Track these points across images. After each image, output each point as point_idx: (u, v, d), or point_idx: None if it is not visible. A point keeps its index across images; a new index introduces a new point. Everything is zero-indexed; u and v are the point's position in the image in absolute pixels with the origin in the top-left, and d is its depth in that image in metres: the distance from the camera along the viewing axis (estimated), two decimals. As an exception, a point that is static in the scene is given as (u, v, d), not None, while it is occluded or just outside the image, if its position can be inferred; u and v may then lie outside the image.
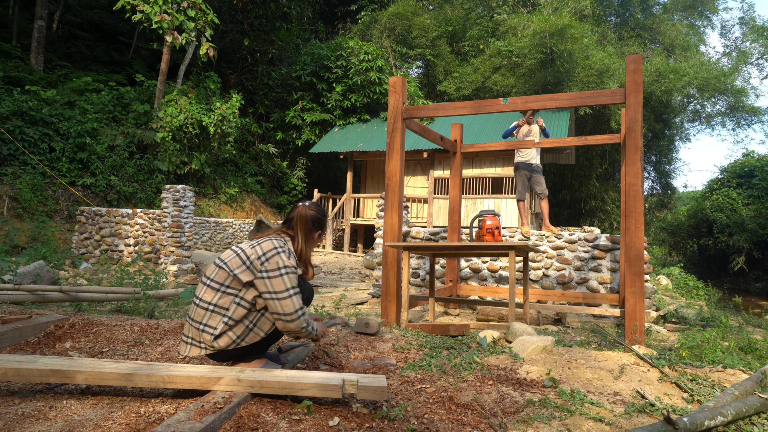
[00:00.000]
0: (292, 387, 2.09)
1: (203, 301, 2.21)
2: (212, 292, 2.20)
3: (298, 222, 2.35)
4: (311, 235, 2.41)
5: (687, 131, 21.72)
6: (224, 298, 2.19)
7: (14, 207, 10.86)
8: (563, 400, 2.31)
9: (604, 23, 20.17)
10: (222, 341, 2.18)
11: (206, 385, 2.11)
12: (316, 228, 2.41)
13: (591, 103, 4.42)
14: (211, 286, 2.21)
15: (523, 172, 7.03)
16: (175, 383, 2.12)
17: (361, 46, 17.44)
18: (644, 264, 4.39)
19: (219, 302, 2.19)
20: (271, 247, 2.21)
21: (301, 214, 2.36)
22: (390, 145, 4.68)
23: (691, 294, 9.72)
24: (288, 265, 2.18)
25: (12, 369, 2.16)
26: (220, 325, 2.17)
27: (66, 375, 2.15)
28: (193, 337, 2.21)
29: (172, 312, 4.92)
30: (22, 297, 4.50)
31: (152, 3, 12.79)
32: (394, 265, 4.56)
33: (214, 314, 2.18)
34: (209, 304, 2.20)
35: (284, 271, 2.16)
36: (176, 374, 2.13)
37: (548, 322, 5.54)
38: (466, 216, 13.89)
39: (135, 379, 2.13)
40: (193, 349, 2.21)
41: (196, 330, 2.19)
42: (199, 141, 14.18)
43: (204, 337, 2.18)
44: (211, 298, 2.20)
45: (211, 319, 2.18)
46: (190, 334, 2.22)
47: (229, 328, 2.17)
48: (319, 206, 2.48)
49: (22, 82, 13.18)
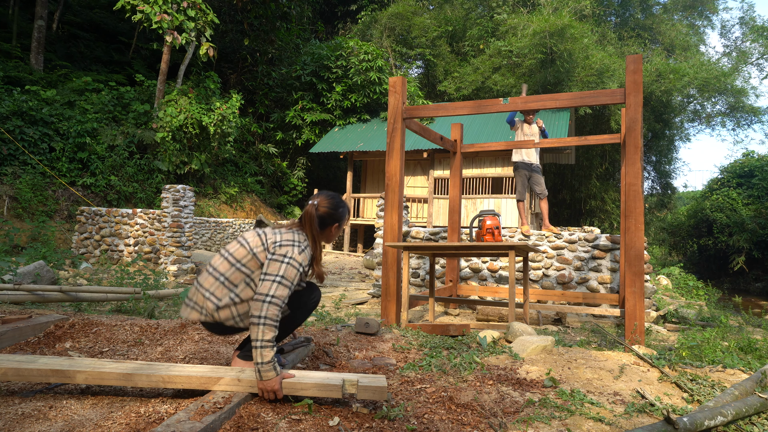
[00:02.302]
0: (292, 387, 2.09)
1: (217, 271, 2.23)
2: (228, 265, 2.22)
3: (306, 221, 2.31)
4: (322, 233, 2.36)
5: (687, 131, 21.75)
6: (237, 275, 2.20)
7: (14, 207, 10.86)
8: (563, 400, 2.31)
9: (604, 23, 20.17)
10: (222, 314, 2.19)
11: (206, 385, 2.12)
12: (324, 225, 2.35)
13: (591, 103, 4.42)
14: (228, 259, 2.23)
15: (522, 172, 7.03)
16: (175, 383, 2.12)
17: (361, 46, 17.44)
18: (644, 264, 4.40)
19: (231, 277, 2.21)
20: (290, 238, 2.21)
21: (308, 213, 2.30)
22: (390, 145, 4.68)
23: (691, 294, 9.72)
24: (295, 258, 2.16)
25: (12, 369, 2.16)
26: (226, 299, 2.18)
27: (66, 375, 2.16)
28: (197, 302, 2.23)
29: (172, 312, 4.92)
30: (22, 297, 4.50)
31: (152, 3, 12.79)
32: (394, 265, 4.56)
33: (223, 287, 2.20)
34: (221, 275, 2.21)
35: (287, 261, 2.14)
36: (176, 374, 2.13)
37: (548, 322, 5.54)
38: (466, 216, 13.89)
39: (135, 379, 2.13)
40: (193, 314, 2.24)
41: (202, 296, 2.21)
42: (199, 141, 14.18)
43: (207, 305, 2.19)
44: (224, 270, 2.22)
45: (219, 290, 2.20)
46: (195, 298, 2.24)
47: (233, 303, 2.19)
48: (333, 199, 2.37)
49: (22, 82, 13.19)
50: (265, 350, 2.03)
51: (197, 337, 3.07)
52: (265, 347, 2.03)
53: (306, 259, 2.22)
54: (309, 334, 3.23)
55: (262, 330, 2.03)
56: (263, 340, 2.03)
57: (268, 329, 2.04)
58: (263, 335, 2.03)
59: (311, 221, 2.29)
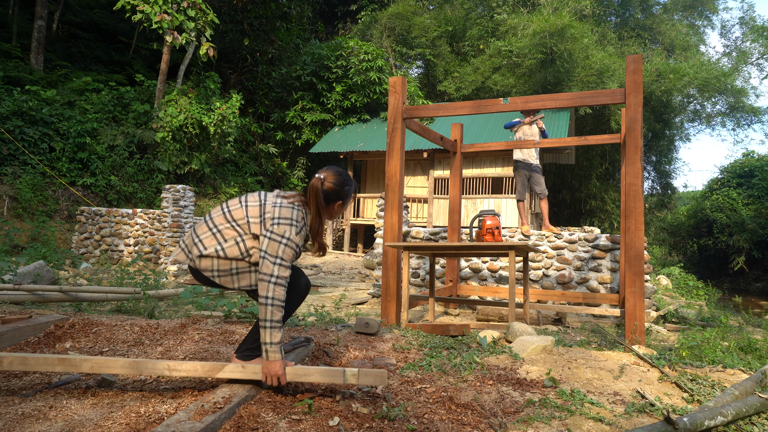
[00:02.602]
0: (295, 373, 2.13)
1: (212, 221, 2.26)
2: (223, 219, 2.25)
3: (311, 195, 2.26)
4: (326, 209, 2.31)
5: (687, 131, 21.73)
6: (229, 231, 2.22)
7: (14, 207, 10.86)
8: (563, 400, 2.31)
9: (604, 23, 20.16)
10: (204, 263, 2.21)
11: (211, 372, 2.14)
12: (329, 201, 2.30)
13: (591, 103, 4.42)
14: (226, 215, 2.26)
15: (522, 172, 7.03)
16: (180, 371, 2.14)
17: (361, 46, 17.43)
18: (644, 264, 4.39)
19: (224, 231, 2.23)
20: (288, 216, 2.18)
21: (314, 187, 2.26)
22: (390, 145, 4.68)
23: (691, 294, 9.72)
24: (292, 239, 2.16)
25: (18, 358, 2.18)
26: (211, 249, 2.20)
27: (72, 363, 2.17)
28: (187, 245, 2.27)
29: (172, 312, 4.92)
30: (22, 297, 4.50)
31: (152, 3, 12.79)
32: (394, 265, 4.56)
33: (213, 238, 2.22)
34: (215, 227, 2.24)
35: (285, 242, 2.14)
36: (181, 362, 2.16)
37: (548, 322, 5.54)
38: (466, 216, 13.89)
39: (140, 367, 2.15)
40: (181, 255, 2.29)
41: (191, 241, 2.25)
42: (199, 141, 14.17)
43: (193, 250, 2.23)
44: (219, 224, 2.24)
45: (208, 239, 2.22)
46: (187, 242, 2.28)
47: (217, 256, 2.20)
48: (341, 176, 2.31)
49: (22, 82, 13.18)
50: (275, 331, 2.07)
51: (197, 337, 3.07)
52: (274, 327, 2.07)
53: (302, 239, 2.23)
54: (309, 334, 3.23)
55: (271, 310, 2.06)
56: (272, 320, 2.06)
57: (276, 309, 2.07)
58: (272, 315, 2.06)
59: (316, 196, 2.26)
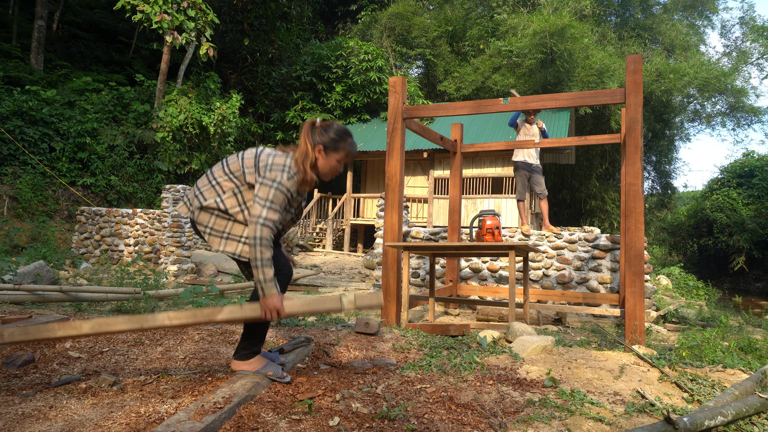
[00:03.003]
0: (293, 305, 2.21)
1: (212, 175, 2.33)
2: (222, 172, 2.32)
3: (303, 131, 2.29)
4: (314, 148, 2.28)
5: (687, 131, 21.73)
6: (228, 183, 2.29)
7: (14, 207, 10.86)
8: (563, 400, 2.31)
9: (604, 23, 20.16)
10: (202, 216, 2.29)
11: (210, 316, 2.21)
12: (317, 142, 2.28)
13: (591, 103, 4.42)
14: (224, 168, 2.32)
15: (522, 172, 7.03)
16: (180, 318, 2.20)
17: (361, 46, 17.43)
18: (644, 264, 4.39)
19: (222, 183, 2.29)
20: (281, 162, 2.23)
21: (309, 122, 2.30)
22: (390, 145, 4.68)
23: (691, 294, 9.72)
24: (283, 183, 2.19)
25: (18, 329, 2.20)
26: (211, 200, 2.28)
27: (73, 326, 2.20)
28: (189, 198, 2.36)
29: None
30: (22, 297, 4.50)
31: (152, 3, 12.79)
32: (394, 265, 4.56)
33: (213, 190, 2.29)
34: (215, 179, 2.31)
35: (275, 186, 2.18)
36: (179, 311, 2.23)
37: (548, 322, 5.54)
38: (466, 216, 13.89)
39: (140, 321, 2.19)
40: (183, 208, 2.39)
41: (193, 194, 2.33)
42: (199, 141, 14.17)
43: (194, 202, 2.31)
44: (218, 176, 2.31)
45: (209, 191, 2.29)
46: (189, 195, 2.38)
47: (217, 209, 2.27)
48: (341, 128, 2.31)
49: (22, 82, 13.18)
50: (266, 268, 2.12)
51: (197, 337, 3.07)
52: (265, 265, 2.12)
53: (294, 185, 2.25)
54: (309, 334, 3.24)
55: (260, 249, 2.12)
56: (263, 259, 2.12)
57: (265, 249, 2.12)
58: (262, 254, 2.12)
59: (308, 133, 2.27)
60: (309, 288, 8.10)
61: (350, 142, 2.34)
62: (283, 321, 3.56)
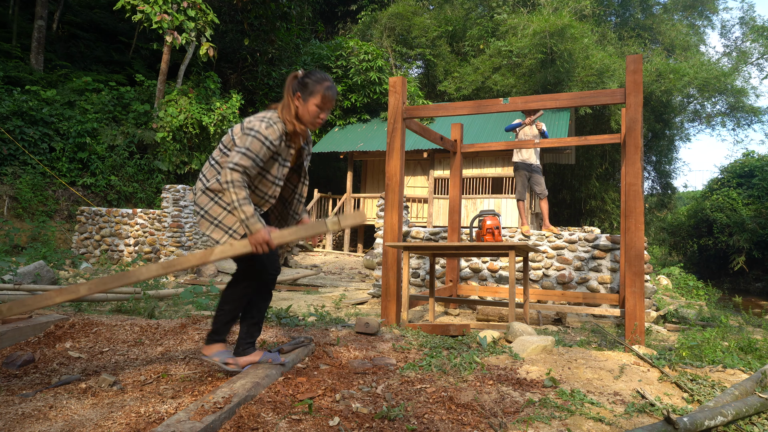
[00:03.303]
0: (280, 235, 2.29)
1: (212, 157, 2.42)
2: (218, 151, 2.40)
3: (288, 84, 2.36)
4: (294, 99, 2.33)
5: (687, 131, 21.72)
6: (224, 158, 2.35)
7: (14, 207, 10.86)
8: (563, 400, 2.31)
9: (604, 23, 20.15)
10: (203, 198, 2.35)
11: (204, 258, 2.28)
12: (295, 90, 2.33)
13: (591, 103, 4.42)
14: (219, 147, 2.40)
15: (522, 172, 7.03)
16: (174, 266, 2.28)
17: (361, 46, 17.43)
18: (644, 264, 4.39)
19: (219, 161, 2.36)
20: (262, 116, 2.31)
21: (288, 80, 2.36)
22: (390, 145, 4.68)
23: (691, 294, 9.72)
24: (260, 131, 2.24)
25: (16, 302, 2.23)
26: (213, 180, 2.34)
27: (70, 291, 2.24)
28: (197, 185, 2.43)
29: (172, 312, 4.92)
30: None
31: (152, 3, 12.79)
32: (394, 265, 4.56)
33: (213, 169, 2.37)
34: (213, 158, 2.40)
35: (253, 134, 2.23)
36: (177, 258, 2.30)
37: (548, 322, 5.54)
38: (466, 216, 13.89)
39: (136, 274, 2.24)
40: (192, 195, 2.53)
41: (199, 179, 2.42)
42: (199, 141, 14.17)
43: (198, 185, 2.40)
44: (215, 155, 2.40)
45: (209, 171, 2.37)
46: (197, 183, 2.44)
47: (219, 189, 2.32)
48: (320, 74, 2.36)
49: (22, 82, 13.18)
50: (245, 206, 2.17)
51: (197, 337, 3.07)
52: (243, 204, 2.17)
53: (274, 133, 2.26)
54: (309, 334, 3.24)
55: (233, 191, 2.17)
56: (239, 199, 2.17)
57: (238, 189, 2.17)
58: (237, 195, 2.17)
59: (289, 85, 2.34)
60: (309, 288, 8.10)
61: (327, 86, 2.34)
62: (283, 321, 3.56)
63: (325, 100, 2.33)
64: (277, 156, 2.33)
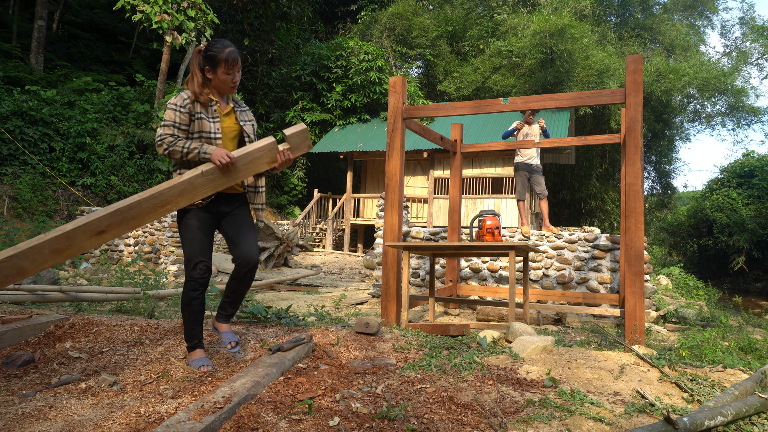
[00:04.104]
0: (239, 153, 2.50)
1: None
2: None
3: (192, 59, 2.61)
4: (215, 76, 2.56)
5: (687, 131, 21.73)
6: None
7: (14, 207, 10.86)
8: (563, 400, 2.31)
9: (604, 23, 20.16)
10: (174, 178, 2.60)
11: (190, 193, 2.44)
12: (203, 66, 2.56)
13: (591, 103, 4.42)
14: None
15: (522, 172, 7.03)
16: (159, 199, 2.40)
17: (361, 46, 17.43)
18: (644, 264, 4.40)
19: None
20: (178, 95, 2.57)
21: (192, 55, 2.61)
22: (390, 145, 4.68)
23: (691, 294, 9.72)
24: (172, 102, 2.50)
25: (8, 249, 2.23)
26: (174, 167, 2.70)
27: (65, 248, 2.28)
28: None
29: (172, 312, 4.92)
30: (22, 297, 4.50)
31: (152, 3, 12.79)
32: (394, 265, 4.56)
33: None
34: None
35: (167, 107, 2.50)
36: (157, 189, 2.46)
37: (548, 322, 5.54)
38: (466, 216, 13.89)
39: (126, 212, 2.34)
40: None
41: None
42: (199, 141, 14.17)
43: None
44: None
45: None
46: None
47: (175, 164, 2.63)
48: (208, 47, 2.55)
49: (22, 82, 13.18)
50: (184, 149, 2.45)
51: (197, 337, 3.07)
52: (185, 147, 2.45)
53: (181, 99, 2.50)
54: (309, 333, 3.23)
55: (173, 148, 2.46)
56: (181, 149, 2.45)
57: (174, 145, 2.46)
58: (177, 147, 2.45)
59: (194, 60, 2.58)
60: (309, 288, 8.10)
61: (228, 52, 2.53)
62: (283, 320, 3.56)
63: (229, 66, 2.54)
64: (200, 114, 2.53)
